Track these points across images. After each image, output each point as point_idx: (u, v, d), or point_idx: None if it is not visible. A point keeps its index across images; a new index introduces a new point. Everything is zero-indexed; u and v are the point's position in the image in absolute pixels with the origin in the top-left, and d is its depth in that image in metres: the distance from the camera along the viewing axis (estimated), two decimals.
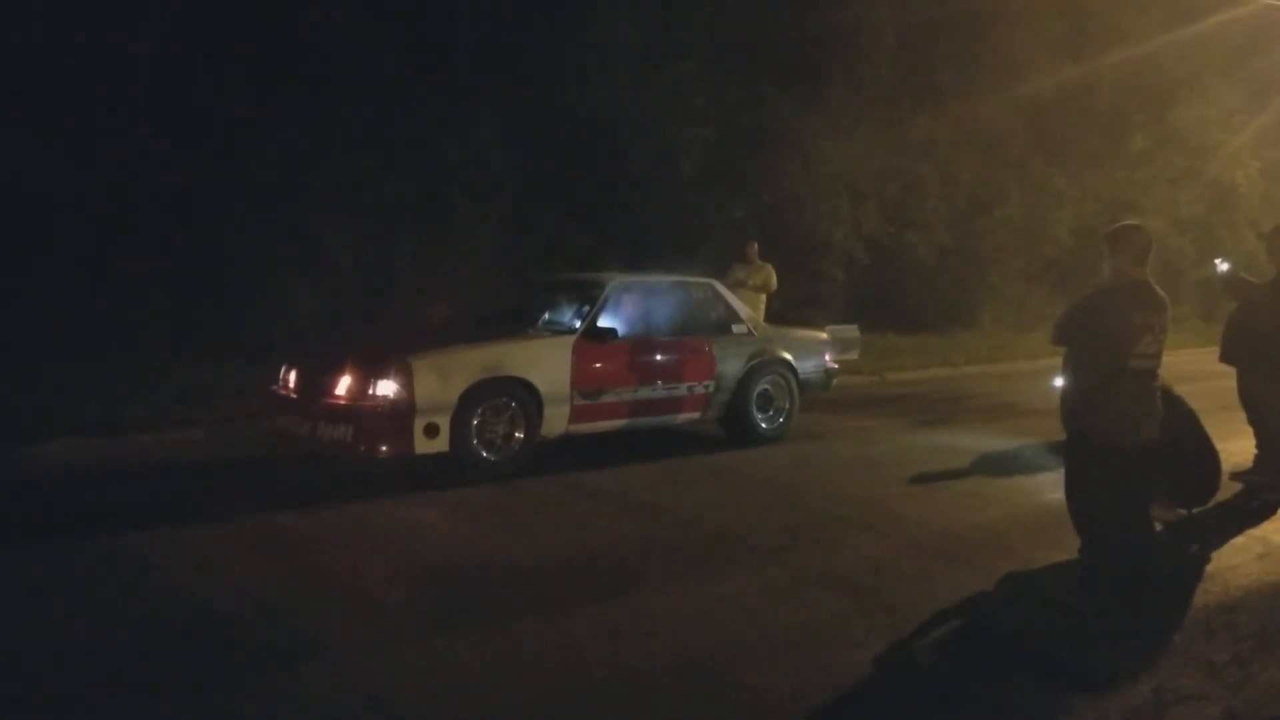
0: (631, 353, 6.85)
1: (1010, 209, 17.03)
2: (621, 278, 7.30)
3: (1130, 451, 4.05)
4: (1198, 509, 5.39)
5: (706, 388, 7.23)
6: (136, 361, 8.69)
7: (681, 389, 7.10)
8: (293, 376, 6.37)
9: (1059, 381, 4.37)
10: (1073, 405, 4.21)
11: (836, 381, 8.44)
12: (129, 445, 6.94)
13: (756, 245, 10.62)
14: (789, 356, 7.71)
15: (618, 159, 13.04)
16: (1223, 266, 6.16)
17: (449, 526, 5.17)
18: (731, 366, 7.35)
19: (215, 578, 4.28)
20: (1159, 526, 4.93)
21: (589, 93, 12.84)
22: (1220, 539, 5.00)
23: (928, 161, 15.96)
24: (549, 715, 3.07)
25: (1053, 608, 4.04)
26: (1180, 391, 5.12)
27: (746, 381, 7.42)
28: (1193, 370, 8.34)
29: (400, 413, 5.76)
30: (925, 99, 16.15)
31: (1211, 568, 4.57)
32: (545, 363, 6.40)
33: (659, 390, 6.98)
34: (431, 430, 5.84)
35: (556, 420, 6.46)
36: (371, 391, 5.77)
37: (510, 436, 6.23)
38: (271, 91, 10.77)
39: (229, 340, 9.59)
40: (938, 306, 16.03)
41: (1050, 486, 5.71)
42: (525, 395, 6.25)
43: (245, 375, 8.08)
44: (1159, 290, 4.13)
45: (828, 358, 8.17)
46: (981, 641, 3.77)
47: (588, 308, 6.83)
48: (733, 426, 7.50)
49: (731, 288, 8.76)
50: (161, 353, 9.09)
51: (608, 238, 12.66)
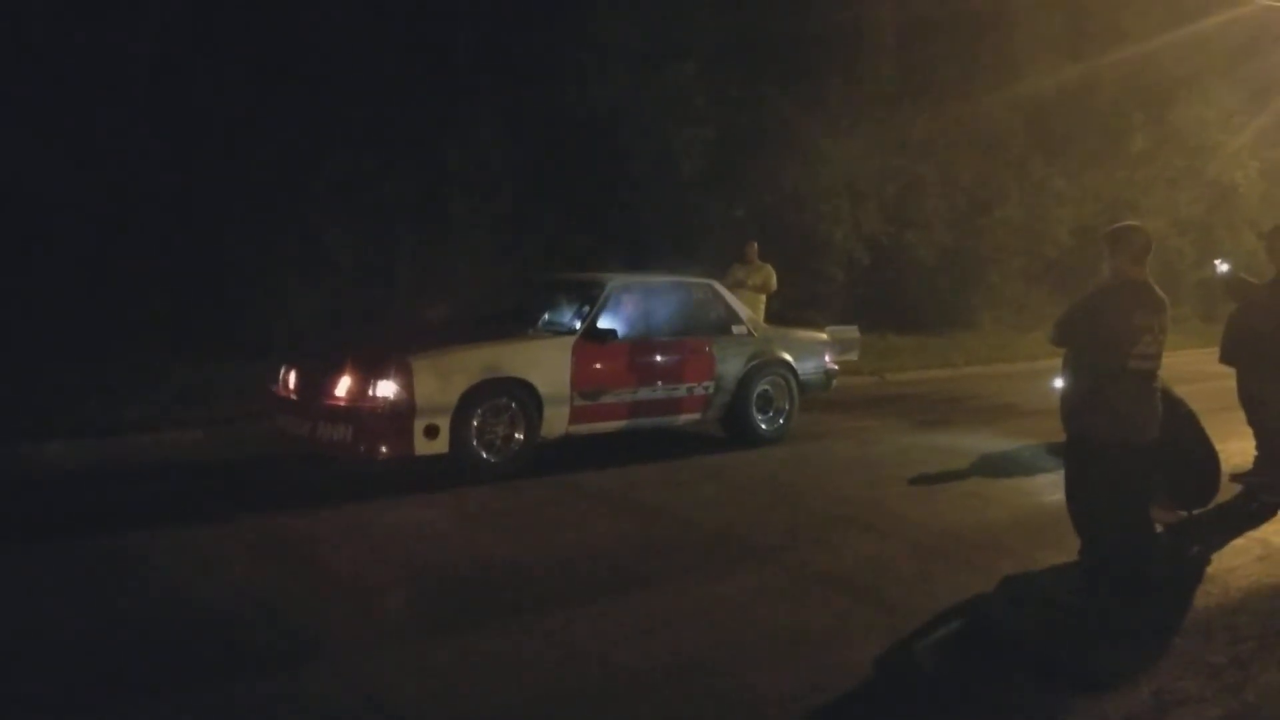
0: (631, 353, 6.84)
1: (1010, 209, 17.04)
2: (621, 278, 7.30)
3: (1130, 452, 4.06)
4: (1198, 510, 5.39)
5: (706, 388, 7.23)
6: (136, 361, 8.69)
7: (681, 390, 7.10)
8: (292, 377, 6.36)
9: (1059, 382, 4.38)
10: (1073, 406, 4.22)
11: (836, 382, 8.44)
12: (129, 445, 6.93)
13: (756, 245, 10.60)
14: (789, 357, 7.71)
15: (618, 159, 13.04)
16: (1222, 267, 6.18)
17: (449, 527, 5.17)
18: (731, 367, 7.35)
19: (215, 578, 4.28)
20: (1159, 528, 4.93)
21: (589, 93, 12.84)
22: (1220, 541, 5.00)
23: (928, 161, 15.97)
24: (549, 715, 3.08)
25: (1053, 608, 4.04)
26: (1180, 392, 5.13)
27: (746, 382, 7.41)
28: (1192, 371, 8.34)
29: (400, 413, 5.75)
30: (925, 99, 16.16)
31: (1211, 569, 4.57)
32: (545, 363, 6.40)
33: (659, 391, 6.97)
34: (431, 431, 5.83)
35: (556, 421, 6.45)
36: (371, 392, 5.76)
37: (510, 437, 6.22)
38: (271, 91, 10.77)
39: (229, 340, 9.59)
40: (938, 307, 16.03)
41: (1050, 487, 5.71)
42: (525, 396, 6.25)
43: (245, 375, 8.07)
44: (1158, 291, 4.14)
45: (827, 358, 8.17)
46: (981, 642, 3.78)
47: (588, 308, 6.82)
48: (733, 427, 7.49)
49: (731, 288, 8.75)
50: (161, 353, 9.09)
51: (608, 238, 12.67)
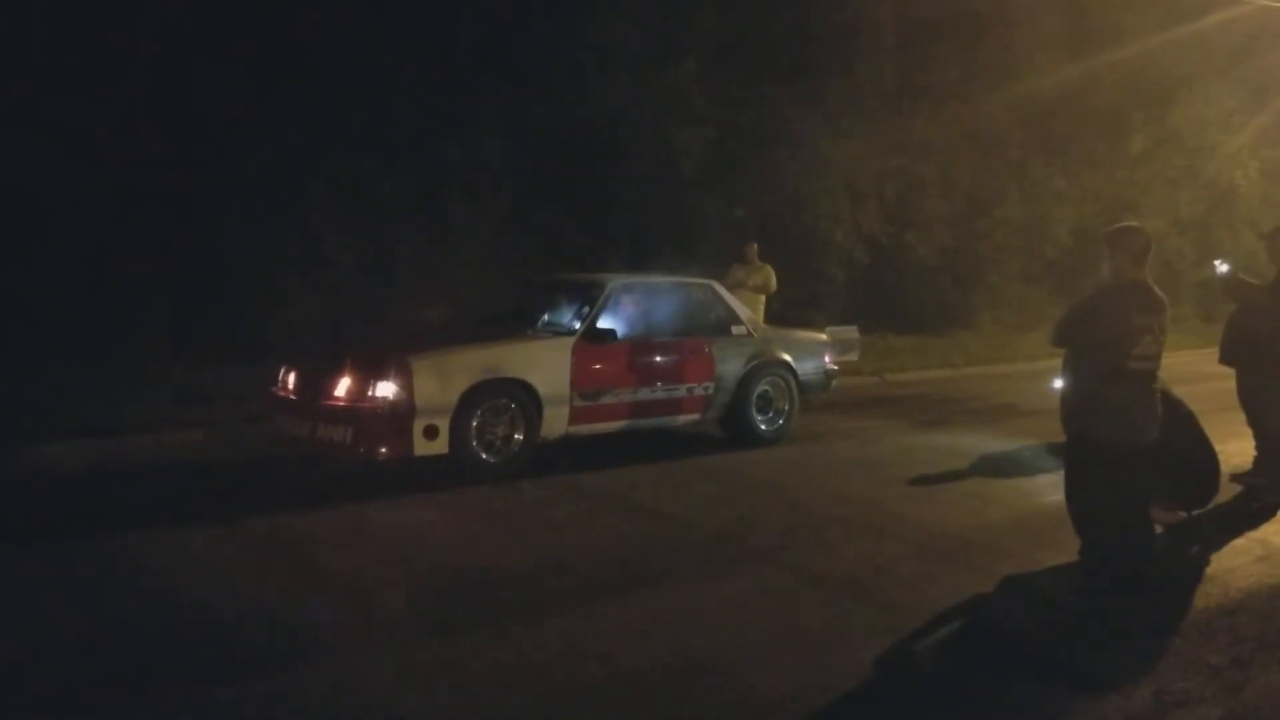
0: (631, 354, 6.84)
1: (1010, 209, 17.04)
2: (621, 278, 7.30)
3: (1130, 453, 4.06)
4: (1198, 510, 5.39)
5: (706, 389, 7.22)
6: (136, 362, 8.69)
7: (681, 390, 7.10)
8: (292, 377, 6.36)
9: (1058, 383, 4.38)
10: (1072, 406, 4.22)
11: (836, 383, 8.44)
12: (129, 446, 6.93)
13: (756, 246, 10.60)
14: (788, 358, 7.71)
15: (618, 159, 13.05)
16: (1222, 268, 6.16)
17: (448, 528, 5.17)
18: (731, 368, 7.35)
19: (215, 578, 4.28)
20: (1159, 528, 4.93)
21: (589, 93, 12.84)
22: (1220, 541, 5.00)
23: (927, 162, 15.97)
24: (549, 715, 3.07)
25: (1053, 608, 4.03)
26: (1179, 393, 5.13)
27: (746, 383, 7.41)
28: (1192, 371, 8.34)
29: (400, 414, 5.75)
30: (925, 99, 16.16)
31: (1211, 570, 4.57)
32: (545, 364, 6.39)
33: (659, 391, 6.97)
34: (431, 432, 5.83)
35: (556, 421, 6.45)
36: (371, 393, 5.76)
37: (510, 438, 6.22)
38: (271, 91, 10.77)
39: (229, 341, 9.58)
40: (937, 307, 16.03)
41: (1050, 488, 5.71)
42: (525, 396, 6.25)
43: (245, 376, 8.06)
44: (1158, 291, 4.14)
45: (827, 359, 8.17)
46: (981, 642, 3.77)
47: (587, 309, 6.82)
48: (732, 428, 7.49)
49: (731, 288, 8.76)
50: (161, 354, 9.09)
51: (608, 238, 12.67)
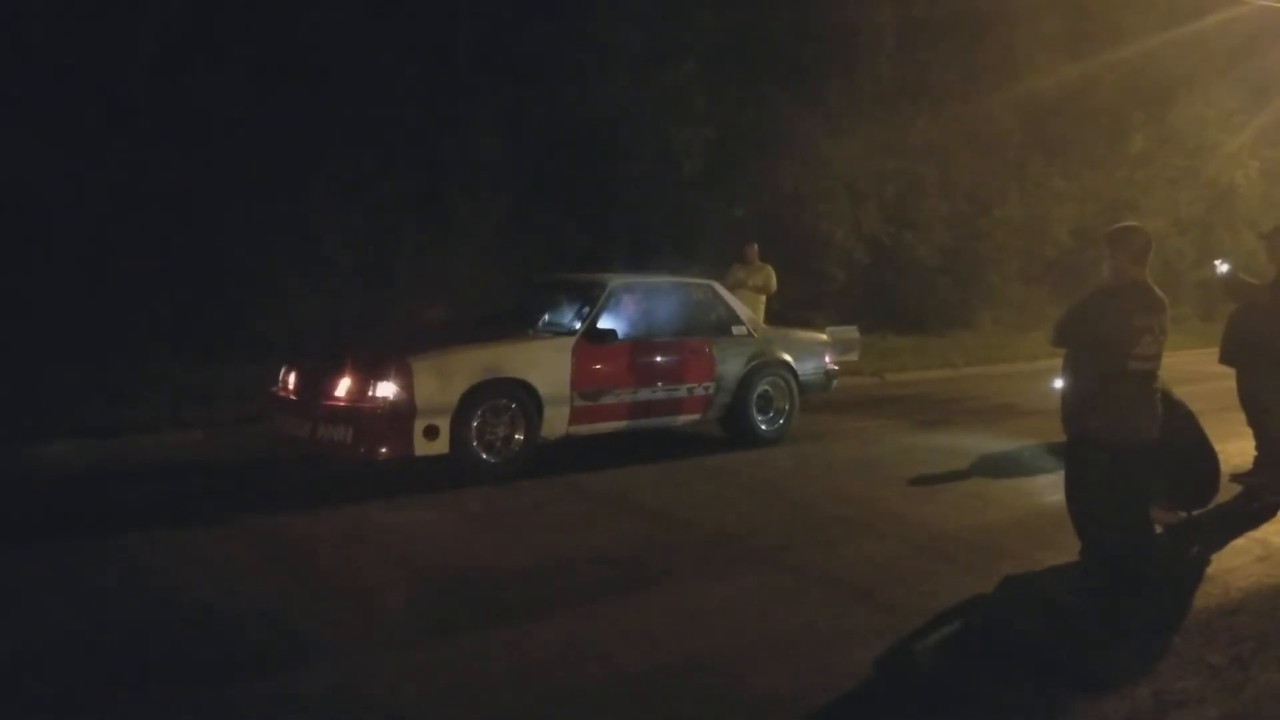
0: (632, 354, 6.84)
1: (1010, 209, 17.04)
2: (621, 278, 7.30)
3: (1130, 453, 4.05)
4: (1198, 511, 5.39)
5: (707, 389, 7.22)
6: (136, 362, 8.69)
7: (682, 390, 7.10)
8: (292, 378, 6.36)
9: (1059, 383, 4.37)
10: (1072, 407, 4.21)
11: (836, 383, 8.44)
12: (129, 446, 6.93)
13: (756, 246, 10.59)
14: (789, 358, 7.71)
15: (618, 159, 13.05)
16: (1222, 268, 6.15)
17: (449, 528, 5.17)
18: (731, 368, 7.35)
19: (215, 578, 4.28)
20: (1159, 528, 4.93)
21: (589, 93, 12.84)
22: (1220, 541, 4.99)
23: (927, 162, 15.97)
24: (549, 715, 3.07)
25: (1053, 609, 4.03)
26: (1180, 393, 5.13)
27: (747, 383, 7.41)
28: (1192, 371, 8.34)
29: (400, 414, 5.75)
30: (925, 99, 16.17)
31: (1211, 570, 4.57)
32: (545, 364, 6.39)
33: (659, 392, 6.97)
34: (431, 432, 5.83)
35: (556, 422, 6.45)
36: (371, 393, 5.76)
37: (510, 438, 6.22)
38: (271, 91, 10.77)
39: (229, 341, 9.59)
40: (938, 307, 16.03)
41: (1050, 488, 5.70)
42: (525, 397, 6.25)
43: (245, 376, 8.08)
44: (1158, 291, 4.14)
45: (827, 359, 8.17)
46: (981, 642, 3.77)
47: (588, 309, 6.82)
48: (733, 428, 7.49)
49: (731, 288, 8.76)
50: (161, 354, 9.09)
51: (608, 238, 12.67)
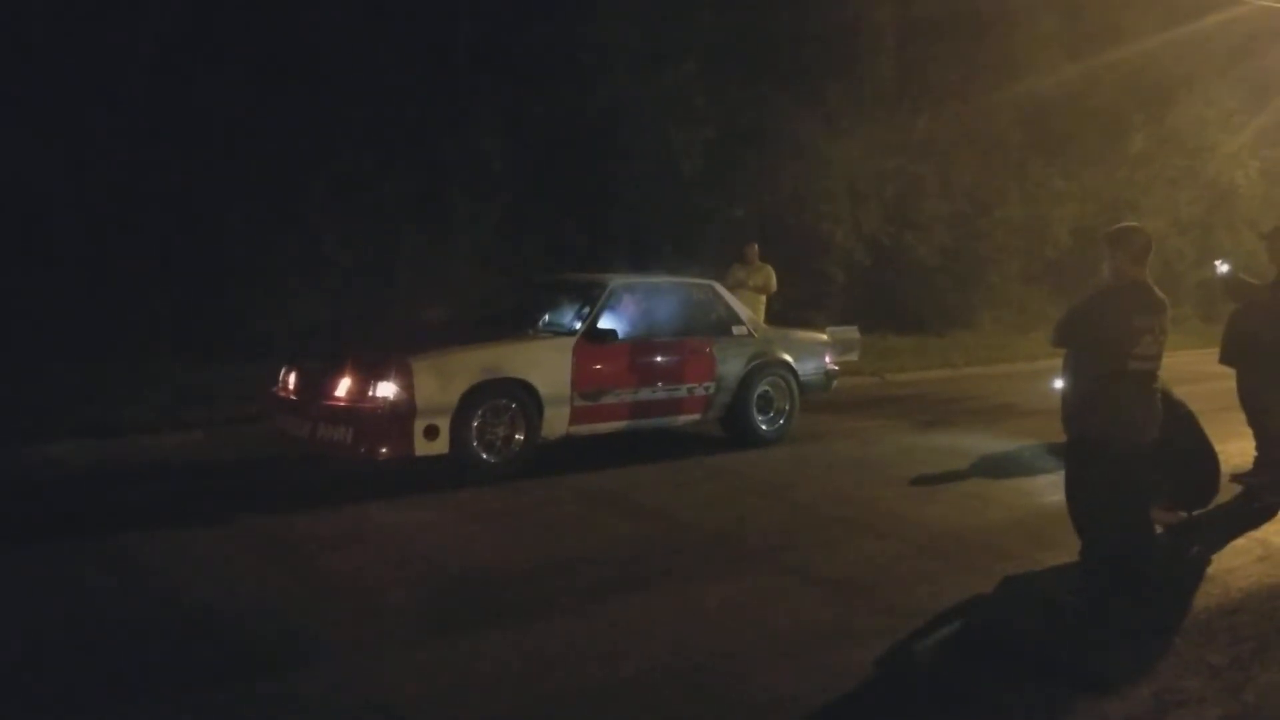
0: (632, 354, 6.84)
1: (1010, 209, 17.04)
2: (622, 278, 7.30)
3: (1130, 453, 4.05)
4: (1198, 511, 5.39)
5: (707, 389, 7.22)
6: (136, 362, 8.69)
7: (682, 390, 7.10)
8: (292, 378, 6.36)
9: (1059, 383, 4.38)
10: (1073, 407, 4.21)
11: (837, 383, 8.44)
12: (129, 446, 6.93)
13: (756, 246, 10.59)
14: (789, 358, 7.71)
15: (618, 159, 13.05)
16: (1223, 268, 6.15)
17: (449, 528, 5.17)
18: (732, 368, 7.34)
19: (215, 578, 4.28)
20: (1159, 528, 4.93)
21: (589, 93, 12.84)
22: (1220, 541, 4.99)
23: (927, 162, 15.97)
24: (549, 715, 3.07)
25: (1053, 608, 4.03)
26: (1180, 393, 5.13)
27: (747, 383, 7.41)
28: (1192, 371, 8.34)
29: (400, 414, 5.75)
30: (925, 99, 16.17)
31: (1211, 570, 4.57)
32: (545, 364, 6.39)
33: (659, 392, 6.97)
34: (431, 432, 5.83)
35: (557, 422, 6.45)
36: (371, 393, 5.76)
37: (510, 438, 6.22)
38: (271, 91, 10.78)
39: (229, 341, 9.59)
40: (938, 307, 16.03)
41: (1050, 488, 5.70)
42: (525, 397, 6.24)
43: (245, 376, 8.07)
44: (1159, 292, 4.14)
45: (828, 359, 8.17)
46: (981, 642, 3.77)
47: (588, 309, 6.82)
48: (733, 428, 7.49)
49: (731, 288, 8.75)
50: (162, 354, 9.10)
51: (608, 238, 12.67)
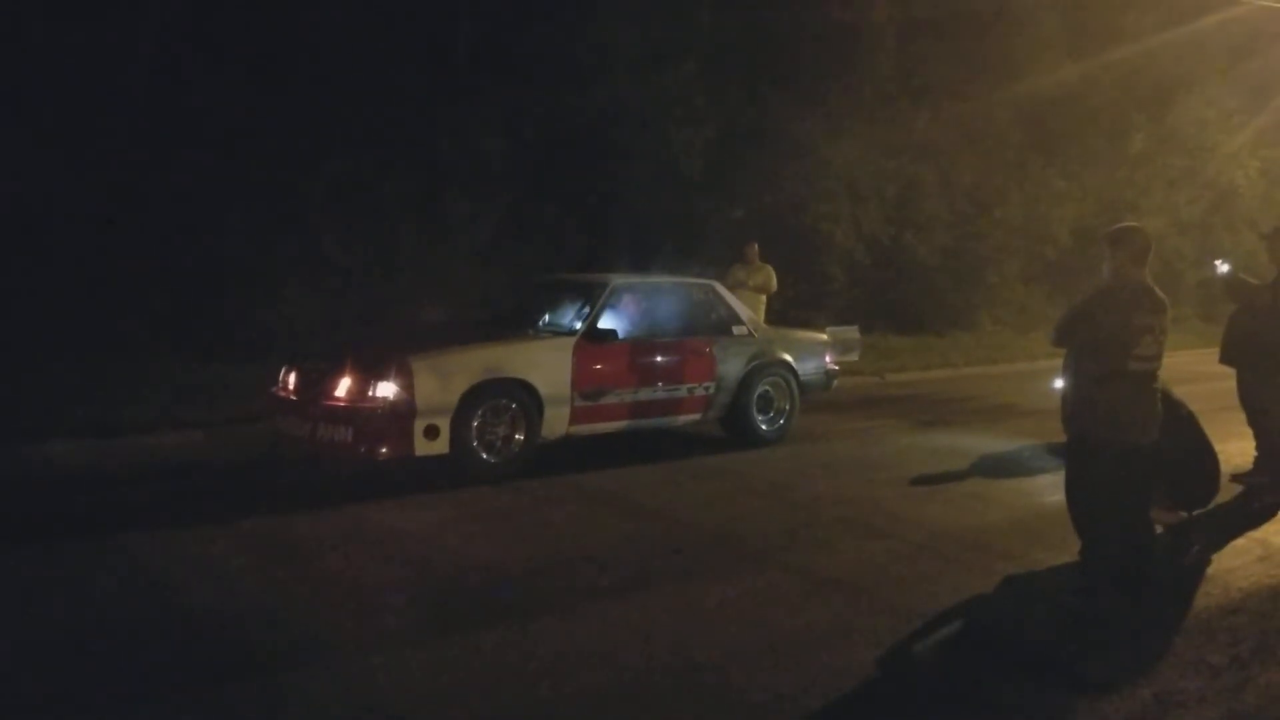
0: (632, 354, 6.84)
1: (1010, 209, 17.02)
2: (622, 278, 7.30)
3: (1130, 453, 4.06)
4: (1198, 511, 5.39)
5: (707, 389, 7.22)
6: (136, 362, 8.69)
7: (682, 390, 7.10)
8: (292, 378, 6.35)
9: (1059, 383, 4.38)
10: (1073, 407, 4.22)
11: (837, 383, 8.44)
12: (128, 446, 6.92)
13: (756, 246, 10.59)
14: (789, 358, 7.71)
15: (618, 159, 13.04)
16: (1223, 268, 6.16)
17: (449, 528, 5.17)
18: (732, 368, 7.35)
19: (214, 579, 4.28)
20: (1159, 528, 4.93)
21: (589, 93, 12.84)
22: (1220, 541, 5.00)
23: (927, 162, 15.96)
24: (549, 716, 3.07)
25: (1053, 609, 4.04)
26: (1180, 393, 5.13)
27: (747, 383, 7.41)
28: (1192, 371, 8.34)
29: (400, 414, 5.75)
30: (925, 99, 16.16)
31: (1212, 570, 4.57)
32: (546, 364, 6.39)
33: (659, 391, 6.97)
34: (431, 432, 5.83)
35: (557, 422, 6.45)
36: (371, 393, 5.76)
37: (510, 438, 6.22)
38: (271, 91, 10.77)
39: (229, 341, 9.58)
40: (938, 307, 16.02)
41: (1050, 488, 5.71)
42: (526, 397, 6.25)
43: (245, 376, 8.07)
44: (1159, 292, 4.14)
45: (828, 359, 8.17)
46: (981, 643, 3.77)
47: (588, 309, 6.82)
48: (733, 428, 7.49)
49: (731, 288, 8.75)
50: (161, 353, 9.09)
51: (608, 238, 12.66)
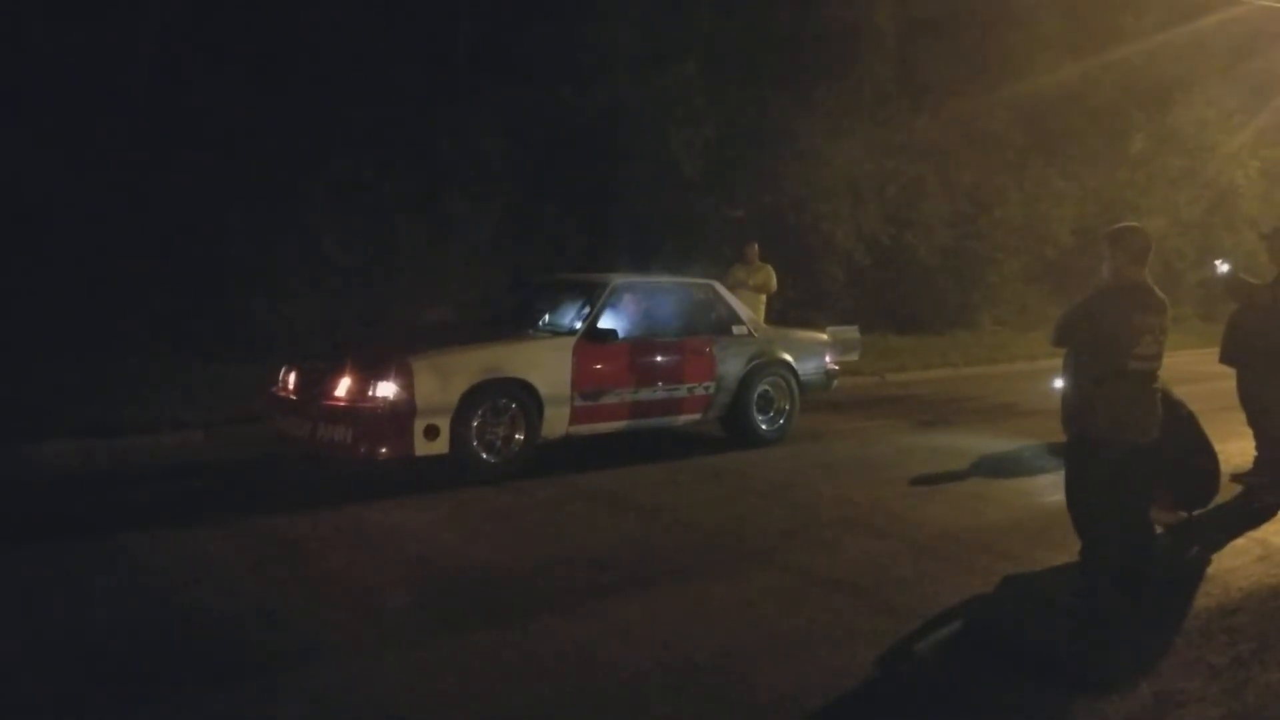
0: (632, 354, 6.84)
1: (1010, 209, 17.03)
2: (622, 278, 7.29)
3: (1130, 453, 4.05)
4: (1198, 511, 5.39)
5: (707, 389, 7.22)
6: (136, 362, 8.69)
7: (682, 390, 7.10)
8: (292, 378, 6.36)
9: (1059, 383, 4.38)
10: (1073, 406, 4.21)
11: (837, 382, 8.44)
12: (128, 446, 6.92)
13: (756, 246, 10.59)
14: (789, 358, 7.71)
15: (618, 159, 13.05)
16: (1223, 268, 6.18)
17: (449, 528, 5.17)
18: (732, 367, 7.35)
19: (215, 579, 4.28)
20: (1159, 528, 4.93)
21: (589, 93, 12.84)
22: (1220, 541, 5.00)
23: (927, 162, 15.96)
24: (549, 715, 3.07)
25: (1053, 609, 4.04)
26: (1180, 393, 5.13)
27: (747, 382, 7.41)
28: (1192, 371, 8.34)
29: (400, 414, 5.75)
30: (925, 99, 16.17)
31: (1211, 570, 4.57)
32: (546, 364, 6.39)
33: (659, 391, 6.97)
34: (431, 432, 5.83)
35: (557, 421, 6.45)
36: (371, 393, 5.76)
37: (510, 438, 6.22)
38: (271, 91, 10.77)
39: (229, 341, 9.59)
40: (938, 307, 16.03)
41: (1050, 488, 5.71)
42: (526, 396, 6.25)
43: (245, 376, 8.08)
44: (1159, 292, 4.14)
45: (828, 359, 8.17)
46: (981, 643, 3.77)
47: (588, 309, 6.82)
48: (733, 427, 7.49)
49: (731, 288, 8.75)
50: (161, 353, 9.09)
51: (608, 238, 12.66)
